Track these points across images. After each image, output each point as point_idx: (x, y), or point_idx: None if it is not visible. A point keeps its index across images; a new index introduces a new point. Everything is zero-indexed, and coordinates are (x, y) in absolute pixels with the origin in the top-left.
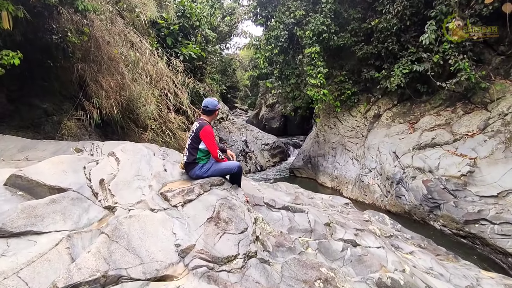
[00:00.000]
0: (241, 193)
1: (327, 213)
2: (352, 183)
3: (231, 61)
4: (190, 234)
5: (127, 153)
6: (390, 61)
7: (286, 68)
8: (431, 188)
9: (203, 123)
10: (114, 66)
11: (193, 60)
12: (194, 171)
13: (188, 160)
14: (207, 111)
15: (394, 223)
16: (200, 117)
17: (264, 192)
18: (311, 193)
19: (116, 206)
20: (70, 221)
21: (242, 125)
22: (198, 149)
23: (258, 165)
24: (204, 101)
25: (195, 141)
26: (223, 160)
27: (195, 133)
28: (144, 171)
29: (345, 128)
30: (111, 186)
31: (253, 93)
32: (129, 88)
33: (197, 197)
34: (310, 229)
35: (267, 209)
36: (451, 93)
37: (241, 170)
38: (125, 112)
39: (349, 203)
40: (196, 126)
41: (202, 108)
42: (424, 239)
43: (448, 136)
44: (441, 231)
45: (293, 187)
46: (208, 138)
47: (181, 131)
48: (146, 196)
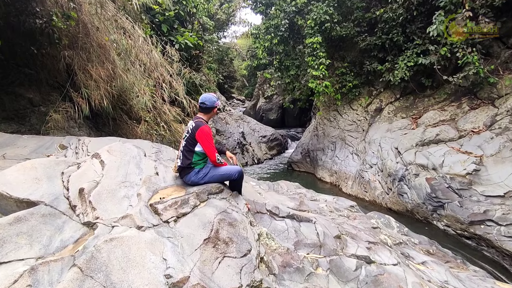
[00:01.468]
0: (242, 202)
1: (336, 222)
2: (352, 179)
3: (229, 50)
4: (183, 260)
5: (114, 154)
6: (394, 53)
7: (285, 58)
8: (435, 187)
9: (200, 122)
10: (105, 54)
11: (189, 49)
12: (189, 177)
13: (183, 165)
14: (204, 109)
15: (400, 226)
16: (196, 115)
17: (266, 197)
18: (314, 194)
19: (97, 222)
20: (38, 245)
21: (239, 117)
22: (194, 152)
23: (255, 157)
24: (201, 97)
25: (190, 143)
26: (222, 164)
27: (190, 134)
28: (133, 175)
29: (345, 121)
30: (92, 197)
31: (250, 83)
32: (121, 78)
33: (192, 209)
34: (319, 243)
35: (270, 217)
36: (457, 87)
37: (242, 176)
38: (117, 103)
39: (354, 206)
40: (192, 126)
41: (199, 105)
42: (433, 243)
43: (453, 132)
44: (445, 231)
45: (294, 186)
46: (206, 140)
47: (177, 123)
48: (133, 209)
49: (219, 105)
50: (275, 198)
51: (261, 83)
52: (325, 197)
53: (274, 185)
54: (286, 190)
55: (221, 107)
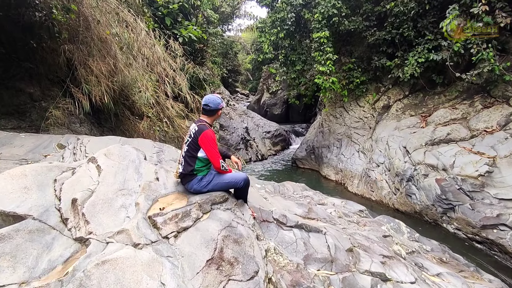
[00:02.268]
0: (248, 213)
1: (347, 233)
2: (358, 178)
3: (233, 43)
4: (184, 286)
5: (112, 158)
6: (403, 49)
7: (291, 53)
8: (445, 188)
9: (203, 126)
10: (106, 49)
11: (193, 43)
12: (191, 185)
13: (185, 171)
14: (207, 111)
15: (411, 232)
16: (199, 118)
17: (272, 202)
18: (321, 196)
19: (90, 237)
20: (22, 268)
21: (243, 111)
22: (196, 158)
23: (259, 153)
24: (205, 99)
25: (193, 148)
26: (227, 171)
27: (193, 139)
28: (132, 182)
29: (351, 118)
30: (86, 208)
31: (254, 78)
32: (123, 73)
33: (195, 223)
34: (331, 258)
35: (277, 227)
36: (469, 85)
37: (248, 184)
38: (119, 98)
39: (363, 210)
40: (195, 130)
41: (202, 108)
42: (445, 251)
43: (465, 132)
44: (455, 235)
45: (300, 187)
46: (209, 145)
47: (180, 119)
48: (130, 222)
49: (223, 106)
50: (282, 203)
51: (266, 77)
52: (333, 200)
53: (279, 187)
54: (292, 192)
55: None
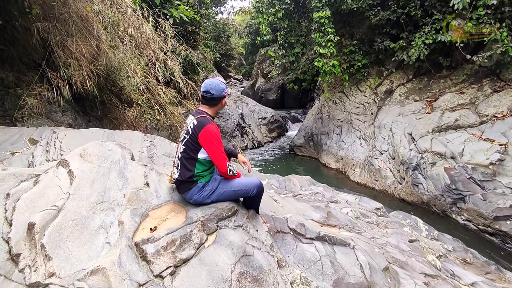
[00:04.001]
0: (263, 229)
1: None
2: (360, 166)
3: (225, 26)
4: None
5: (90, 160)
6: (409, 30)
7: (290, 35)
8: (455, 178)
9: (204, 119)
10: (87, 28)
11: (184, 24)
12: (191, 195)
13: (182, 178)
14: (209, 100)
15: (429, 229)
16: (197, 108)
17: (284, 205)
18: (333, 193)
19: (51, 282)
20: None
21: (238, 97)
22: (196, 161)
23: (255, 141)
24: (205, 84)
25: (191, 147)
26: (235, 176)
27: (191, 136)
28: (114, 191)
29: (352, 104)
30: (48, 236)
31: (248, 62)
32: (107, 56)
33: (197, 251)
34: (367, 283)
35: (295, 239)
36: (477, 67)
37: (262, 191)
38: (106, 84)
39: (380, 208)
40: (193, 125)
41: (202, 95)
42: (468, 250)
43: (474, 117)
44: (465, 226)
45: (306, 180)
46: (213, 144)
47: (173, 106)
48: (110, 254)
49: (228, 93)
50: (295, 207)
51: (260, 61)
52: (346, 196)
53: (285, 182)
54: (299, 187)
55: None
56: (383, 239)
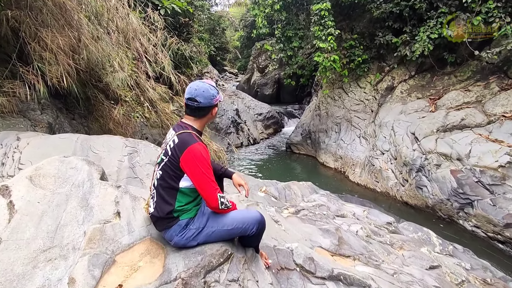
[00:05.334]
0: (265, 278)
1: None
2: (360, 166)
3: (220, 19)
4: None
5: (43, 183)
6: (412, 24)
7: (287, 28)
8: (462, 181)
9: (187, 137)
10: (65, 18)
11: (177, 16)
12: (171, 235)
13: (159, 214)
14: (194, 110)
15: (443, 244)
16: (180, 120)
17: (288, 228)
18: (338, 203)
19: None
20: None
21: (233, 92)
22: (177, 191)
23: (251, 137)
24: (189, 89)
25: (170, 173)
26: (229, 209)
27: (171, 158)
28: (71, 228)
29: (351, 101)
30: None
31: (243, 56)
32: (88, 49)
33: None
34: None
35: (303, 278)
36: (483, 64)
37: (264, 227)
38: (90, 79)
39: (392, 222)
40: (174, 143)
41: (186, 104)
42: (487, 268)
43: (481, 117)
44: (473, 233)
45: (308, 187)
46: (199, 170)
47: (164, 103)
48: None
49: (220, 100)
50: (300, 230)
51: (256, 55)
52: (353, 208)
53: (285, 190)
54: (300, 196)
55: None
56: (405, 270)
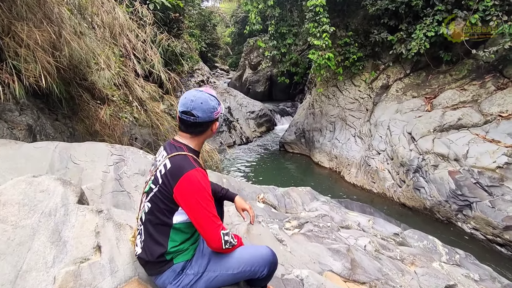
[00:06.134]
0: None
1: None
2: (355, 166)
3: (211, 15)
4: None
5: (3, 214)
6: (408, 21)
7: (281, 24)
8: (460, 182)
9: (182, 160)
10: (44, 10)
11: (167, 11)
12: (163, 282)
13: (148, 257)
14: (191, 126)
15: (450, 252)
16: (173, 138)
17: (294, 249)
18: (341, 212)
19: None
20: None
21: (225, 89)
22: (170, 228)
23: (243, 136)
24: (184, 100)
25: (161, 207)
26: (234, 246)
27: (162, 187)
28: (36, 273)
29: (346, 99)
30: None
31: (234, 52)
32: (70, 45)
33: None
34: None
35: None
36: (479, 63)
37: (276, 267)
38: (74, 78)
39: (399, 233)
40: (165, 168)
41: (180, 118)
42: (495, 278)
43: (477, 116)
44: (472, 235)
45: (307, 193)
46: (198, 204)
47: (154, 102)
48: None
49: (222, 112)
50: (307, 250)
51: (248, 52)
52: (356, 217)
53: (284, 197)
54: (301, 203)
55: (205, 79)
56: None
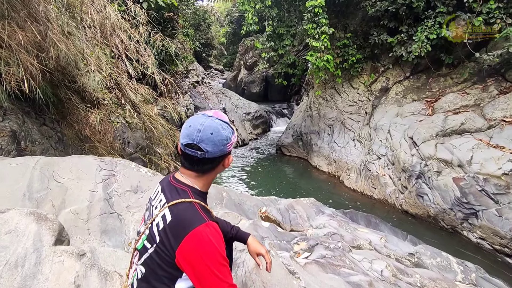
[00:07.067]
0: None
1: None
2: (355, 171)
3: (206, 14)
4: None
5: None
6: (409, 23)
7: (279, 25)
8: (465, 189)
9: (188, 212)
10: (28, 8)
11: (161, 10)
12: None
13: None
14: (199, 162)
15: (465, 271)
16: (173, 175)
17: (308, 283)
18: (350, 229)
19: None
20: None
21: (220, 90)
22: None
23: (239, 138)
24: (189, 130)
25: (159, 273)
26: None
27: (159, 247)
28: None
29: (344, 102)
30: None
31: (229, 52)
32: (57, 46)
33: None
34: None
35: None
36: (480, 66)
37: None
38: (63, 80)
39: (414, 253)
40: (164, 221)
41: (183, 152)
42: None
43: (481, 121)
44: (478, 245)
45: (313, 207)
46: (209, 272)
47: (148, 104)
48: None
49: (234, 140)
50: (324, 285)
51: (243, 52)
52: (367, 234)
53: (288, 212)
54: (306, 218)
55: (200, 80)
56: None
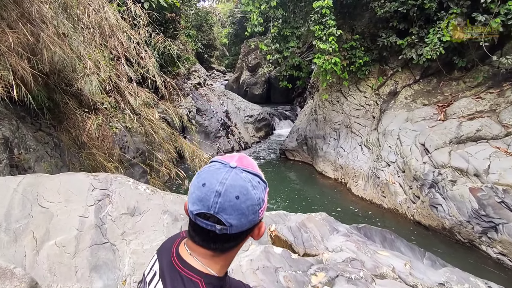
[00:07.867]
0: None
1: None
2: (363, 178)
3: (208, 15)
4: None
5: None
6: (419, 25)
7: (284, 27)
8: (483, 201)
9: None
10: (20, 8)
11: (163, 10)
12: None
13: None
14: (216, 240)
15: None
16: (178, 253)
17: None
18: (371, 253)
19: None
20: None
21: (222, 92)
22: None
23: (242, 141)
24: (202, 191)
25: None
26: None
27: None
28: None
29: (350, 105)
30: None
31: (231, 53)
32: (50, 49)
33: None
34: None
35: None
36: (495, 70)
37: None
38: (59, 84)
39: (444, 283)
40: None
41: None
42: None
43: (497, 128)
44: (498, 261)
45: (326, 224)
46: None
47: (148, 108)
48: None
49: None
50: None
51: (245, 53)
52: (389, 259)
53: (301, 231)
54: (320, 238)
55: (202, 81)
56: None
